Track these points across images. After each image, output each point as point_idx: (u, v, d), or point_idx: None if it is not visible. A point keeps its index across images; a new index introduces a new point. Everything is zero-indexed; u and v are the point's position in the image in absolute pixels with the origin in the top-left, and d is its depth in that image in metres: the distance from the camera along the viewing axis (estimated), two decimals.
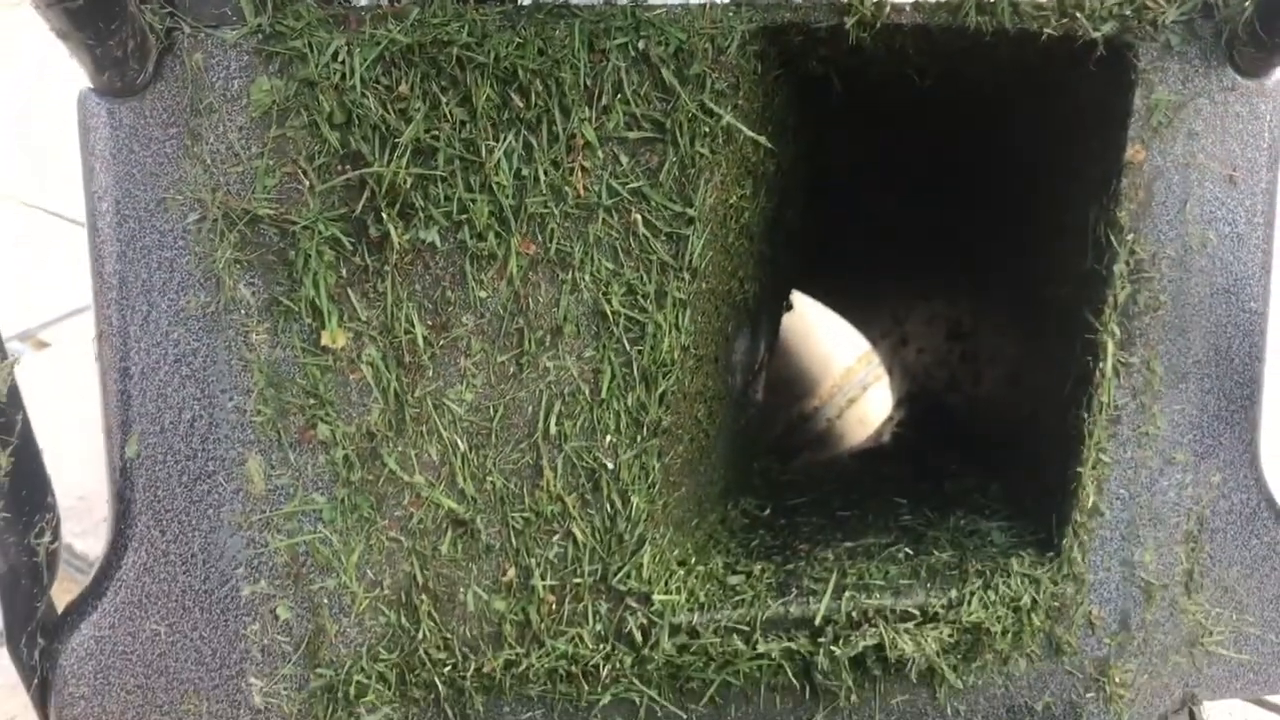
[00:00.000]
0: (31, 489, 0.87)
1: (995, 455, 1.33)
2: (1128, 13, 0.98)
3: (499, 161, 0.92)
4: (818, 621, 1.05)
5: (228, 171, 0.90)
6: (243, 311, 0.93)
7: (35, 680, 0.97)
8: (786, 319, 1.69)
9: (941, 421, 1.60)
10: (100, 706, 0.97)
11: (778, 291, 1.49)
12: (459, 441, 0.98)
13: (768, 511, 1.26)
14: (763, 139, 0.99)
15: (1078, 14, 0.98)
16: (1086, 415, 1.06)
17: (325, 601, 0.98)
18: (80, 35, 0.81)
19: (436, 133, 0.91)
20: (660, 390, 1.00)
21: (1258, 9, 0.97)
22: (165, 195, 0.90)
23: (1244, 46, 1.00)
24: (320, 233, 0.92)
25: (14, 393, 0.83)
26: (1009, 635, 1.09)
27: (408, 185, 0.91)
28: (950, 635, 1.07)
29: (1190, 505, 1.09)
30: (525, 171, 0.94)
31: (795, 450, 1.94)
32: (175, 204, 0.90)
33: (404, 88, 0.90)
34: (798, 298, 1.80)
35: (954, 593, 1.07)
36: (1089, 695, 1.12)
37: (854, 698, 1.08)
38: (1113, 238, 1.02)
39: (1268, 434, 1.11)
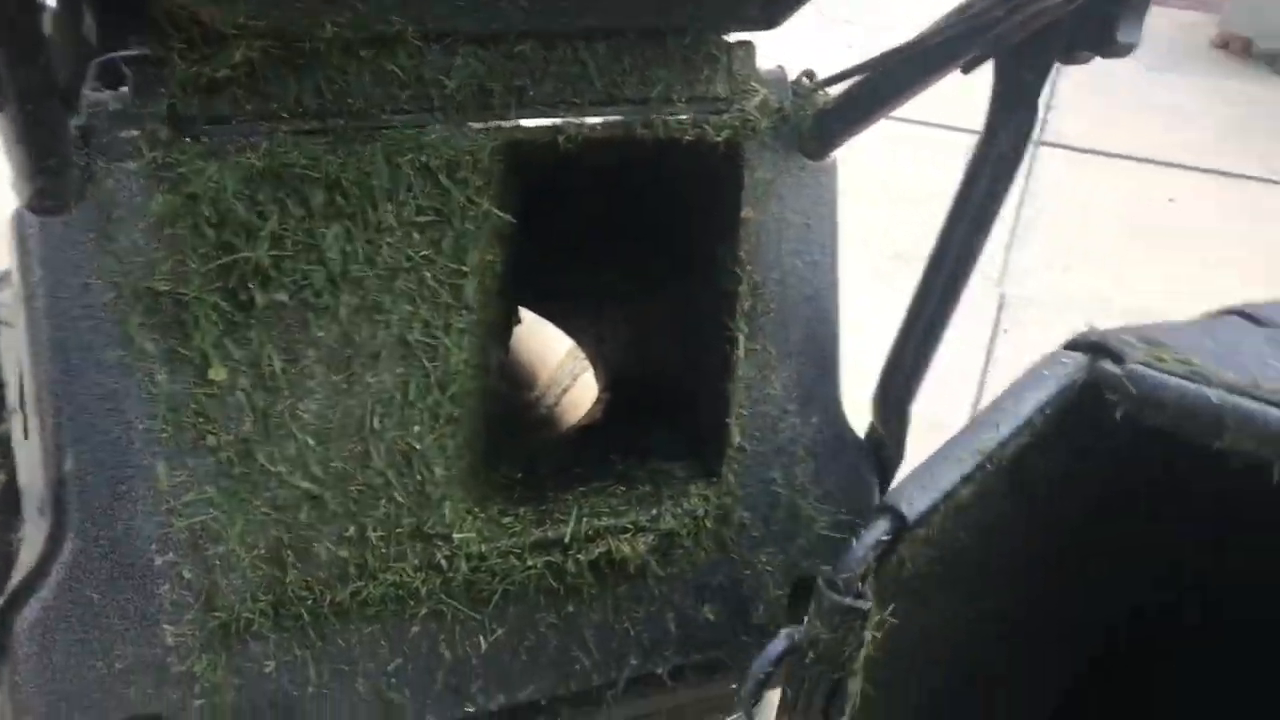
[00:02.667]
0: (13, 500, 1.20)
1: (677, 419, 1.86)
2: (736, 125, 1.51)
3: (329, 243, 1.33)
4: (565, 540, 1.53)
5: (134, 261, 1.26)
6: (149, 360, 1.29)
7: None
8: None
9: (639, 397, 2.11)
10: (47, 660, 1.30)
11: (509, 308, 1.95)
12: (309, 439, 1.38)
13: (520, 475, 1.72)
14: (508, 216, 1.45)
15: (705, 126, 1.50)
16: (730, 384, 1.59)
17: (217, 563, 1.36)
18: (41, 180, 1.15)
19: (285, 226, 1.31)
20: (450, 392, 1.44)
21: (814, 121, 1.54)
22: (88, 281, 1.25)
23: (808, 142, 1.56)
24: (204, 300, 1.29)
25: (8, 435, 1.16)
26: (691, 536, 1.61)
27: (266, 263, 1.30)
28: (653, 540, 1.57)
29: (801, 440, 1.65)
30: (348, 248, 1.35)
31: (525, 432, 2.41)
32: (96, 287, 1.25)
33: (261, 196, 1.29)
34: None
35: (654, 511, 1.58)
36: (746, 571, 1.66)
37: (594, 590, 1.57)
38: (737, 269, 1.56)
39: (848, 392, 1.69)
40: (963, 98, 1.61)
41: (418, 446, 1.44)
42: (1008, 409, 1.27)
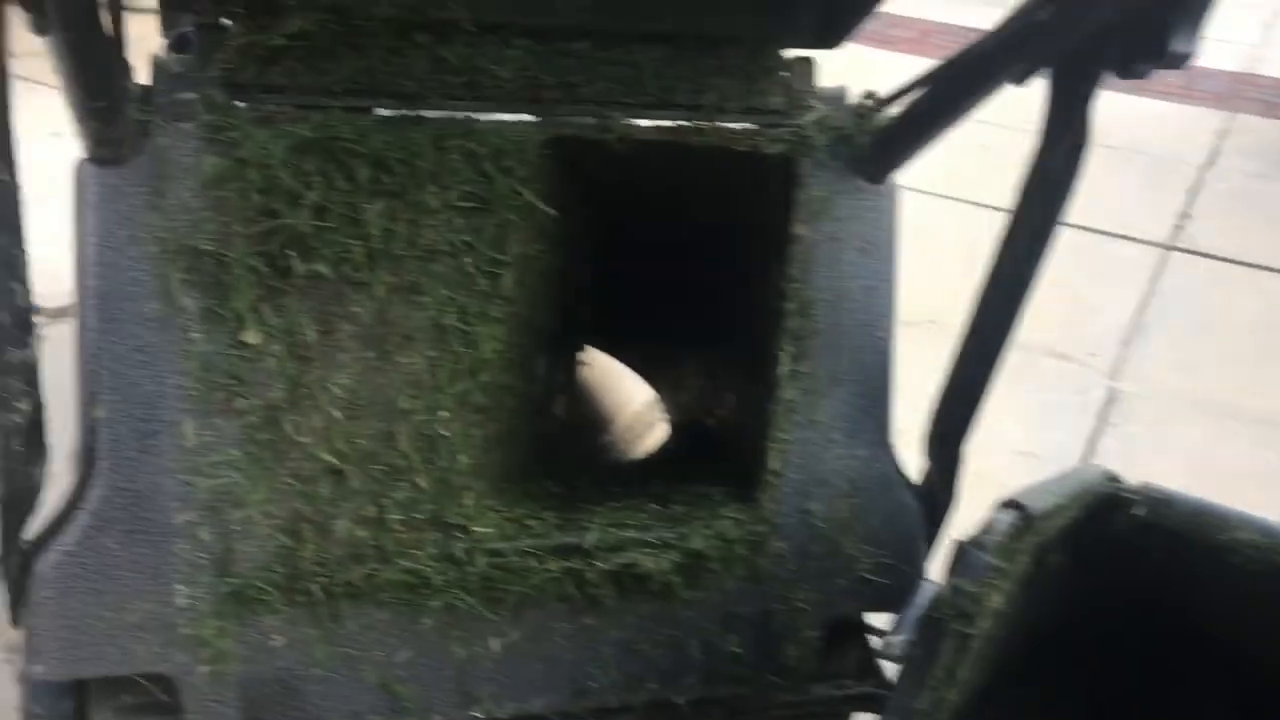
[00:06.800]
0: (41, 434, 1.24)
1: (724, 449, 1.81)
2: (791, 139, 1.50)
3: (372, 219, 1.36)
4: (587, 547, 1.49)
5: (181, 218, 1.31)
6: (186, 316, 1.32)
7: (15, 587, 1.31)
8: (589, 371, 2.18)
9: (699, 438, 2.08)
10: (64, 606, 1.32)
11: (571, 334, 1.95)
12: (336, 413, 1.39)
13: (561, 490, 1.70)
14: (551, 210, 1.45)
15: (759, 138, 1.49)
16: (773, 407, 1.55)
17: (235, 529, 1.37)
18: (94, 124, 1.21)
19: (330, 198, 1.34)
20: (480, 380, 1.44)
21: (873, 144, 1.51)
22: (136, 233, 1.30)
23: (867, 163, 1.53)
24: (245, 263, 1.33)
25: (36, 363, 1.20)
26: (721, 560, 1.55)
27: (308, 232, 1.34)
28: (680, 558, 1.52)
29: (846, 473, 1.59)
30: (390, 226, 1.37)
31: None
32: (142, 239, 1.30)
33: (308, 166, 1.33)
34: (598, 355, 2.28)
35: (683, 529, 1.53)
36: (778, 606, 1.59)
37: (615, 604, 1.52)
38: (785, 286, 1.52)
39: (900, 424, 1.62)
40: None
41: (444, 432, 1.43)
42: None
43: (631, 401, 2.67)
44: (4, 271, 1.15)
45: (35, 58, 1.13)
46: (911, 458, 1.64)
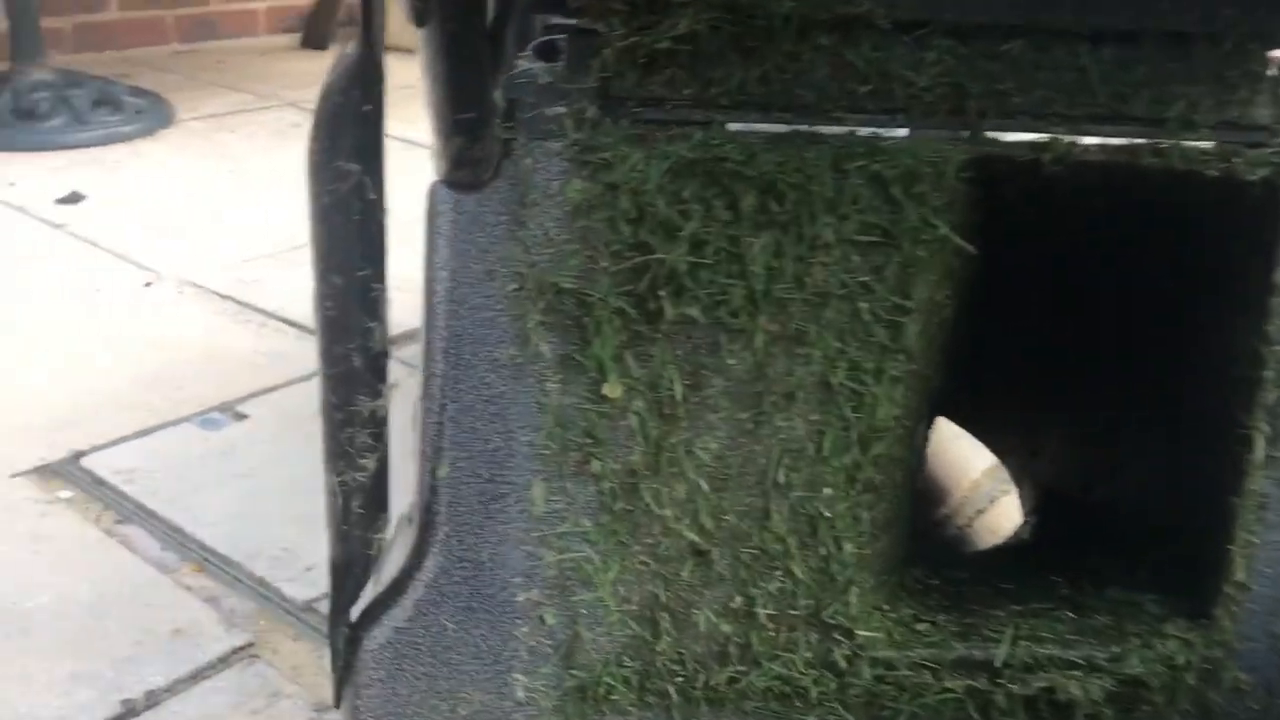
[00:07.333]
0: (383, 493, 1.08)
1: (1138, 543, 1.48)
2: (1278, 161, 1.18)
3: (755, 254, 1.14)
4: (997, 664, 1.21)
5: (542, 252, 1.13)
6: (542, 364, 1.14)
7: (340, 663, 1.16)
8: None
9: (1079, 520, 1.75)
10: (392, 690, 1.16)
11: (937, 392, 1.67)
12: (702, 483, 1.18)
13: (936, 581, 1.42)
14: (970, 247, 1.19)
15: (1236, 160, 1.18)
16: (1238, 501, 1.22)
17: (583, 612, 1.17)
18: (458, 140, 1.05)
19: (708, 230, 1.13)
20: (873, 452, 1.19)
21: None
22: (493, 268, 1.13)
23: None
24: (610, 304, 1.13)
25: (386, 414, 1.05)
26: (1165, 691, 1.24)
27: (682, 270, 1.13)
28: (1112, 685, 1.21)
29: None
30: (774, 264, 1.15)
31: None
32: (500, 275, 1.13)
33: (686, 193, 1.13)
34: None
35: (1115, 648, 1.23)
36: None
37: None
38: (1260, 349, 1.20)
39: None
40: None
41: (826, 513, 1.19)
42: None
43: (968, 468, 2.36)
44: (361, 309, 0.99)
45: None
46: None
